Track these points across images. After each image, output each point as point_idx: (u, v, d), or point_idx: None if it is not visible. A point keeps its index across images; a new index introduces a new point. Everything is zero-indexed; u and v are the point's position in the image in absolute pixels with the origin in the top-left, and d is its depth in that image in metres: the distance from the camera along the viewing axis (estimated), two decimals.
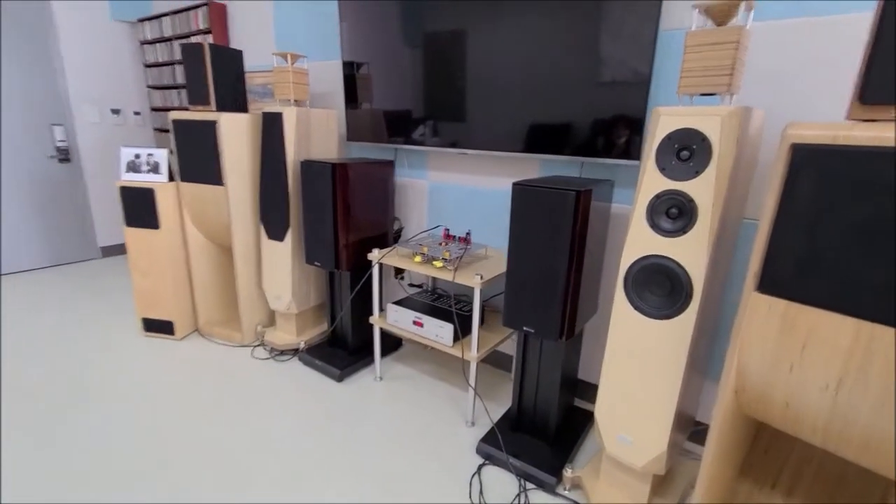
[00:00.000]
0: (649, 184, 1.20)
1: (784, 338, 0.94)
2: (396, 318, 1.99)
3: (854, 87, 0.83)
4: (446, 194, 2.28)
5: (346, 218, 2.03)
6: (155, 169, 2.31)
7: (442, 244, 1.97)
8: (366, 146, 2.51)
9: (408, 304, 2.03)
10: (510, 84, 1.81)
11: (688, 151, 1.13)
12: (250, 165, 2.31)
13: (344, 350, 2.31)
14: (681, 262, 1.17)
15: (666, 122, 1.15)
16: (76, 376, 2.13)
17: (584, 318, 1.58)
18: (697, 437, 1.76)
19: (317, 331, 2.51)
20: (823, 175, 0.84)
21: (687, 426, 1.53)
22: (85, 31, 3.57)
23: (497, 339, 1.90)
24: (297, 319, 2.41)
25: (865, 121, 0.82)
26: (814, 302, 0.88)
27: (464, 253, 1.84)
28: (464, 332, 1.88)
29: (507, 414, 1.88)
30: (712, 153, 1.09)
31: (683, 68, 1.15)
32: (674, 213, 1.17)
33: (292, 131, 2.11)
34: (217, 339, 2.53)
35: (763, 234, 0.93)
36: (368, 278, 2.23)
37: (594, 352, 1.99)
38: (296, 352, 2.40)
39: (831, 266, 0.85)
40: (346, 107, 2.40)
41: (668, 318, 1.22)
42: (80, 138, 3.68)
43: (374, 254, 1.97)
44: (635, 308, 1.27)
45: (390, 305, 2.01)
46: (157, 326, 2.50)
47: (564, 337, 1.46)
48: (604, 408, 1.39)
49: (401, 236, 2.50)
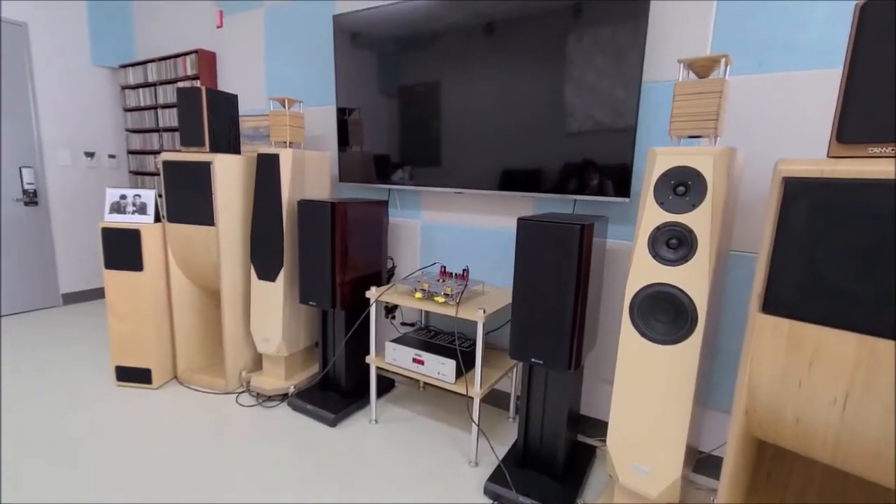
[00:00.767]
0: (649, 217, 1.29)
1: (791, 356, 1.01)
2: (395, 357, 1.96)
3: (832, 129, 0.95)
4: (439, 233, 2.33)
5: (343, 256, 2.03)
6: (142, 210, 2.26)
7: (440, 280, 1.99)
8: (358, 187, 2.56)
9: (405, 342, 2.01)
10: (509, 130, 1.93)
11: (683, 187, 1.23)
12: (242, 206, 2.30)
13: (337, 393, 2.24)
14: (684, 289, 1.24)
15: (663, 161, 1.25)
16: (43, 433, 1.95)
17: (588, 348, 1.62)
18: (701, 466, 1.79)
19: (306, 374, 2.43)
20: (814, 204, 0.94)
21: (692, 456, 1.56)
22: (64, 74, 3.54)
23: (497, 376, 1.90)
24: (286, 363, 2.33)
25: (844, 157, 0.94)
26: (816, 320, 0.96)
27: (464, 288, 1.87)
28: (464, 369, 1.87)
29: (512, 451, 1.85)
30: (707, 187, 1.20)
31: (673, 113, 1.28)
32: (674, 243, 1.26)
33: (288, 172, 2.14)
34: (197, 386, 2.40)
35: (763, 259, 1.02)
36: (366, 317, 2.20)
37: (594, 386, 2.01)
38: (285, 397, 2.30)
39: (828, 285, 0.94)
40: (338, 149, 2.46)
41: (674, 343, 1.27)
42: (49, 181, 3.55)
43: (373, 291, 1.97)
44: (642, 335, 1.32)
45: (388, 343, 1.98)
46: (133, 375, 2.35)
47: (573, 367, 1.48)
48: (615, 437, 1.40)
49: (394, 275, 2.50)
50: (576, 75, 1.74)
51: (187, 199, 2.22)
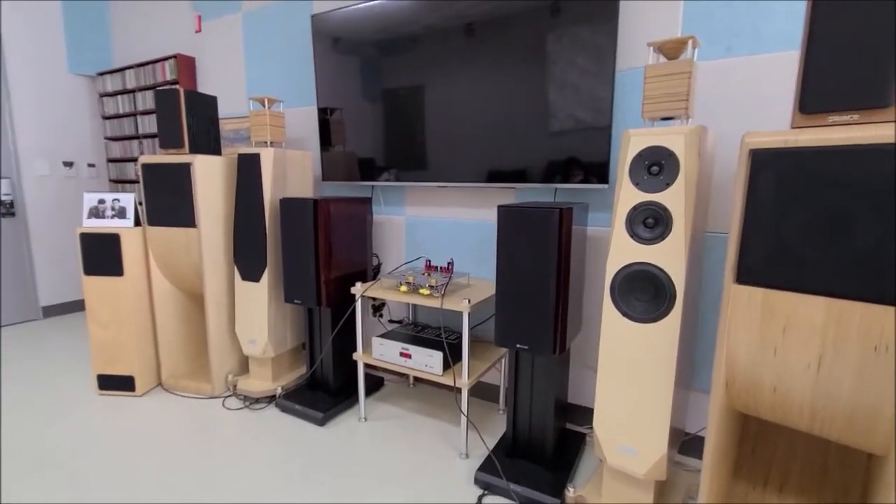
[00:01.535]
0: (626, 197, 1.31)
1: (766, 324, 1.03)
2: (382, 352, 1.95)
3: (794, 101, 0.98)
4: (424, 228, 2.34)
5: (327, 254, 2.02)
6: (121, 214, 2.23)
7: (425, 274, 1.99)
8: (341, 185, 2.56)
9: (392, 336, 2.01)
10: (491, 126, 1.95)
11: (657, 166, 1.26)
12: (223, 208, 2.28)
13: (325, 392, 2.22)
14: (662, 267, 1.26)
15: (636, 142, 1.28)
16: (26, 445, 1.90)
17: (572, 333, 1.63)
18: (687, 447, 1.80)
19: (293, 375, 2.40)
20: (780, 173, 0.97)
21: (677, 437, 1.57)
22: (40, 83, 3.49)
23: (484, 367, 1.90)
24: (272, 364, 2.31)
25: (807, 127, 0.97)
26: (787, 286, 0.98)
27: (449, 280, 1.88)
28: (451, 360, 1.87)
29: (501, 441, 1.85)
30: (679, 166, 1.22)
31: (645, 96, 1.31)
32: (650, 222, 1.28)
33: (269, 171, 2.13)
34: (183, 392, 2.36)
35: (735, 230, 1.04)
36: (351, 313, 2.19)
37: (581, 374, 2.02)
38: (272, 399, 2.28)
39: (796, 252, 0.96)
40: (321, 149, 2.46)
41: (654, 321, 1.29)
42: (27, 192, 3.49)
43: (358, 287, 1.96)
44: (623, 314, 1.34)
45: (375, 339, 1.98)
46: (116, 383, 2.30)
47: (557, 351, 1.49)
48: (602, 419, 1.41)
49: (380, 272, 2.50)
50: (554, 73, 1.77)
51: (168, 201, 2.19)
